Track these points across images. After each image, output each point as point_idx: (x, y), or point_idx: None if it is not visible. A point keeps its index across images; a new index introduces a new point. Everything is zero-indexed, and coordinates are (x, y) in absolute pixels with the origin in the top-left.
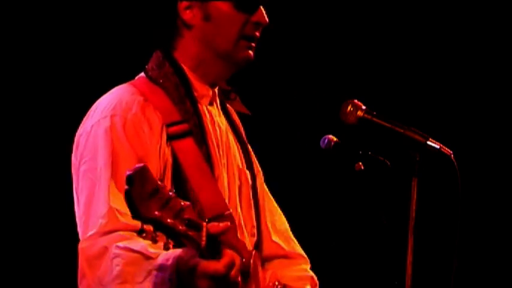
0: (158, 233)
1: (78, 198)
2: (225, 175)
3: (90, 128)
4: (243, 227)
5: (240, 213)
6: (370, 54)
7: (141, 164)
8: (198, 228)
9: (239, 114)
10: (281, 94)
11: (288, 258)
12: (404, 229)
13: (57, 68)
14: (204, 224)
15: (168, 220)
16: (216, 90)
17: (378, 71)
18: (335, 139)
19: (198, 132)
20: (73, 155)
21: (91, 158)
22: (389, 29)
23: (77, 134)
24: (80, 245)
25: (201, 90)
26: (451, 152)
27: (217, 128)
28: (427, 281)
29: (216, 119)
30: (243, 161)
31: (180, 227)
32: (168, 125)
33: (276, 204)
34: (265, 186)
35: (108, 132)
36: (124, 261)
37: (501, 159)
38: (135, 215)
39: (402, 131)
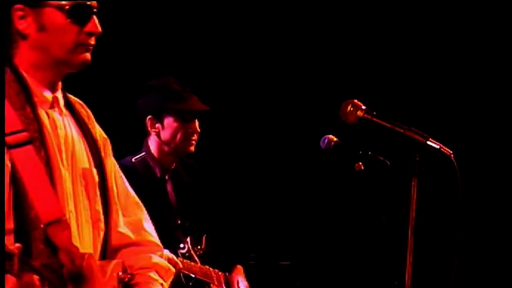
0: None
1: None
2: (68, 177)
3: None
4: (91, 223)
5: (88, 211)
6: (369, 54)
7: None
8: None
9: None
10: (282, 94)
11: (136, 246)
12: (404, 229)
13: None
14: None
15: None
16: (58, 93)
17: (378, 71)
18: (335, 139)
19: (38, 137)
20: None
21: None
22: (389, 29)
23: None
24: None
25: (41, 95)
26: (451, 152)
27: (59, 132)
28: (427, 281)
29: (58, 123)
30: (91, 159)
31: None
32: (8, 134)
33: (132, 195)
34: (121, 176)
35: None
36: None
37: (501, 159)
38: None
39: (402, 131)
